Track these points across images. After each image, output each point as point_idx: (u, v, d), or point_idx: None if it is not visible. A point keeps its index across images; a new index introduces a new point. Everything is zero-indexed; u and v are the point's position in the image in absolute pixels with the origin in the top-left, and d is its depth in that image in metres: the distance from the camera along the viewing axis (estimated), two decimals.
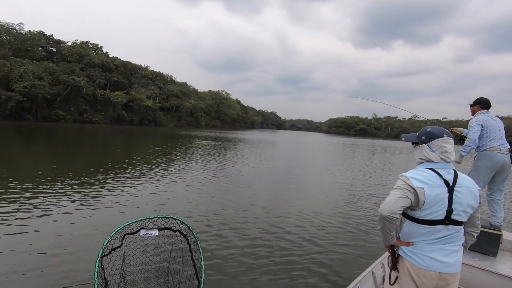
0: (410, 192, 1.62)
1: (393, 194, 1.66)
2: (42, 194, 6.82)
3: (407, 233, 1.76)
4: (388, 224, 1.66)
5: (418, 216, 1.67)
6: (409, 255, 1.74)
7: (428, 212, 1.64)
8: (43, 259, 3.88)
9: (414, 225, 1.71)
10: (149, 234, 2.17)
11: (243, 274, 3.90)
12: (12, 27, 47.87)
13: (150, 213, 6.13)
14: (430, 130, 1.80)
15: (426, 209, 1.64)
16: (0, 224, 4.91)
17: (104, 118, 55.25)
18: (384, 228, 1.70)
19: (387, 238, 1.76)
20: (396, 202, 1.62)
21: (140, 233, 2.16)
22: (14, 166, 10.29)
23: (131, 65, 70.98)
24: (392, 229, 1.69)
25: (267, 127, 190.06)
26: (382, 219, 1.66)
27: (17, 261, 3.76)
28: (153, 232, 2.19)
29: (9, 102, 40.91)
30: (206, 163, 14.35)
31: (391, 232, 1.71)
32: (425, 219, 1.66)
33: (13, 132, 25.25)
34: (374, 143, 58.90)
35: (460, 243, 1.74)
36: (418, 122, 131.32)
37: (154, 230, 2.20)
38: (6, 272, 3.47)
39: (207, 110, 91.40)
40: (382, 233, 1.75)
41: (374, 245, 5.20)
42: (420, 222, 1.68)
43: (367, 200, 8.74)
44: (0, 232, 4.58)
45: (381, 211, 1.65)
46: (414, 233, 1.72)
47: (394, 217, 1.61)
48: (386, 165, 19.50)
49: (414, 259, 1.71)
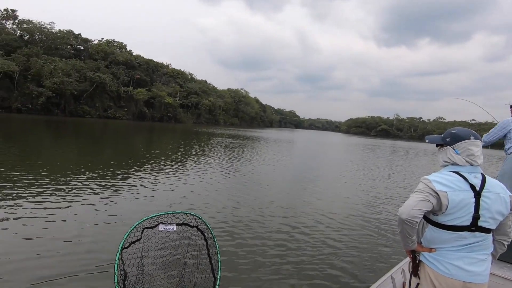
0: (431, 195, 1.54)
1: (413, 197, 1.59)
2: (68, 185, 7.18)
3: (429, 238, 1.68)
4: (408, 228, 1.58)
5: (441, 221, 1.59)
6: (432, 261, 1.66)
7: (452, 217, 1.55)
8: (67, 246, 4.12)
9: (437, 230, 1.63)
10: (167, 229, 2.20)
11: (257, 272, 3.88)
12: (44, 26, 50.50)
13: (168, 207, 6.29)
14: (455, 132, 1.70)
15: (449, 214, 1.55)
16: (31, 211, 5.25)
17: (126, 114, 57.18)
18: (404, 232, 1.62)
19: (407, 243, 1.68)
20: (416, 205, 1.54)
21: (159, 227, 2.20)
22: (45, 158, 10.95)
23: (153, 63, 72.96)
24: (412, 233, 1.61)
25: (285, 126, 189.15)
26: (401, 223, 1.59)
27: (44, 246, 4.02)
28: (171, 227, 2.22)
29: (40, 97, 43.30)
30: (225, 160, 14.47)
31: (411, 237, 1.63)
32: (449, 225, 1.57)
33: (44, 126, 26.68)
34: (395, 144, 57.08)
35: (489, 252, 1.63)
36: (444, 124, 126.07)
37: (172, 225, 2.23)
38: (33, 257, 3.74)
39: (226, 108, 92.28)
40: (402, 237, 1.67)
41: (394, 250, 5.03)
42: (443, 228, 1.59)
43: (388, 203, 8.48)
44: (31, 219, 4.90)
45: (400, 214, 1.58)
46: (437, 239, 1.64)
47: (413, 221, 1.53)
48: (409, 167, 18.85)
49: (437, 266, 1.63)
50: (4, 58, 41.15)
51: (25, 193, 6.24)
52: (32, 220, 4.89)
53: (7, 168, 8.27)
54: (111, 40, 64.11)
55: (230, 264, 3.99)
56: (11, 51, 44.04)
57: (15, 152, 11.35)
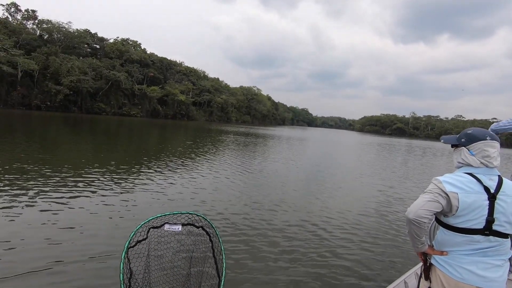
0: (441, 196, 1.51)
1: (422, 197, 1.56)
2: (84, 179, 7.39)
3: (440, 241, 1.64)
4: (415, 229, 1.55)
5: (452, 223, 1.55)
6: (443, 265, 1.61)
7: (464, 219, 1.51)
8: (75, 235, 4.41)
9: (448, 232, 1.59)
10: (172, 229, 2.21)
11: (264, 273, 3.80)
12: (62, 25, 51.89)
13: (179, 205, 6.29)
14: (471, 132, 1.65)
15: (460, 216, 1.51)
16: (47, 202, 5.56)
17: (140, 111, 58.15)
18: (411, 233, 1.59)
19: (416, 244, 1.64)
20: (424, 205, 1.51)
21: (164, 227, 2.21)
22: (63, 153, 11.23)
23: (167, 61, 73.84)
24: (420, 234, 1.57)
25: (298, 123, 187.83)
26: (409, 223, 1.56)
27: (54, 233, 4.38)
28: (177, 227, 2.23)
29: (58, 95, 44.61)
30: (236, 158, 14.38)
31: (420, 238, 1.59)
32: (460, 227, 1.52)
33: (62, 123, 27.42)
34: (411, 144, 55.56)
35: (506, 258, 1.56)
36: (463, 123, 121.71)
37: (177, 225, 2.24)
38: (45, 241, 4.13)
39: (238, 105, 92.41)
40: (410, 238, 1.64)
41: (408, 253, 4.85)
42: (455, 230, 1.55)
43: (404, 204, 8.18)
44: (47, 209, 5.25)
45: (407, 214, 1.56)
46: (448, 242, 1.60)
47: (420, 221, 1.50)
48: (426, 167, 18.22)
49: (448, 269, 1.58)
50: (25, 57, 42.54)
51: (42, 186, 6.57)
52: (45, 211, 5.17)
53: (27, 163, 8.59)
54: (126, 39, 65.24)
55: (236, 264, 3.93)
56: (31, 50, 45.50)
57: (36, 147, 11.72)
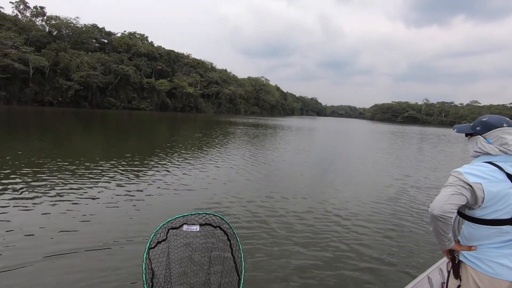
0: (464, 188, 1.43)
1: (444, 191, 1.47)
2: (97, 173, 7.50)
3: (467, 235, 1.56)
4: (442, 225, 1.46)
5: (478, 215, 1.47)
6: (473, 261, 1.53)
7: (490, 210, 1.44)
8: (92, 224, 4.68)
9: (474, 226, 1.51)
10: (191, 229, 2.27)
11: (282, 271, 3.68)
12: (70, 21, 52.14)
13: (192, 198, 6.29)
14: (486, 120, 1.59)
15: (487, 207, 1.44)
16: (60, 194, 5.79)
17: (150, 105, 58.50)
18: (437, 230, 1.50)
19: (443, 241, 1.54)
20: (448, 199, 1.43)
21: (183, 228, 2.27)
22: (75, 147, 11.37)
23: (175, 54, 73.58)
24: (447, 230, 1.48)
25: (307, 113, 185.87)
26: (434, 219, 1.47)
27: (71, 223, 4.65)
28: (195, 227, 2.29)
29: (69, 91, 45.24)
30: (249, 149, 14.27)
31: (447, 235, 1.50)
32: (488, 219, 1.45)
33: (74, 118, 27.82)
34: (425, 131, 54.15)
35: None
36: (478, 108, 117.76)
37: (196, 226, 2.30)
38: (58, 228, 4.42)
39: (246, 96, 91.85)
40: (436, 235, 1.55)
41: (429, 247, 4.63)
42: (481, 223, 1.48)
43: (425, 194, 7.85)
44: (60, 200, 5.52)
45: (431, 210, 1.47)
46: (475, 235, 1.52)
47: (447, 216, 1.42)
48: (446, 155, 17.68)
49: (479, 265, 1.50)
50: (35, 54, 43.10)
51: (55, 179, 6.84)
52: (60, 202, 5.47)
53: (43, 157, 8.82)
54: (133, 33, 65.21)
55: (255, 261, 3.86)
56: (41, 47, 46.03)
57: (49, 142, 11.97)
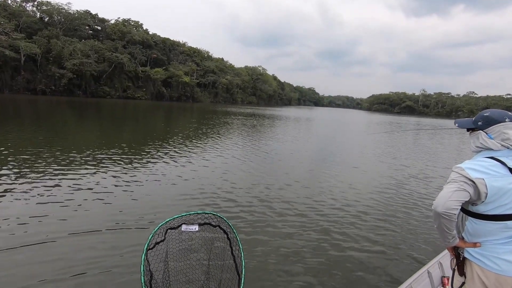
0: (467, 184, 1.41)
1: (447, 188, 1.45)
2: (92, 163, 7.35)
3: (471, 232, 1.53)
4: (446, 222, 1.43)
5: (482, 211, 1.45)
6: (478, 257, 1.51)
7: (494, 205, 1.42)
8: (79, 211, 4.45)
9: (478, 222, 1.49)
10: (190, 229, 2.24)
11: (282, 268, 3.64)
12: (61, 7, 50.67)
13: (190, 189, 6.17)
14: (488, 115, 1.56)
15: (490, 203, 1.42)
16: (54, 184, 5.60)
17: (145, 94, 57.73)
18: (442, 227, 1.47)
19: (447, 239, 1.52)
20: (452, 196, 1.40)
21: (182, 228, 2.23)
22: (70, 137, 11.12)
23: (170, 42, 72.23)
24: (451, 227, 1.45)
25: (304, 103, 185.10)
26: (438, 217, 1.44)
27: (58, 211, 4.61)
28: (194, 227, 2.25)
29: (62, 79, 44.36)
30: (245, 141, 14.10)
31: (451, 232, 1.47)
32: (492, 214, 1.43)
33: (67, 107, 27.33)
34: (421, 122, 54.27)
35: None
36: (475, 99, 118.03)
37: (194, 225, 2.26)
38: (53, 216, 4.48)
39: (243, 86, 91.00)
40: (440, 233, 1.51)
41: (428, 241, 4.58)
42: (485, 218, 1.45)
43: (426, 187, 7.77)
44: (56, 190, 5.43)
45: (435, 207, 1.44)
46: (480, 231, 1.49)
47: (451, 213, 1.40)
48: (446, 147, 17.67)
49: (485, 262, 1.48)
50: (26, 41, 41.97)
51: (51, 169, 6.76)
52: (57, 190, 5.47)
53: (35, 146, 8.71)
54: (127, 20, 63.67)
55: (256, 261, 3.78)
56: (32, 33, 44.78)
57: (43, 132, 11.68)
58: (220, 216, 2.37)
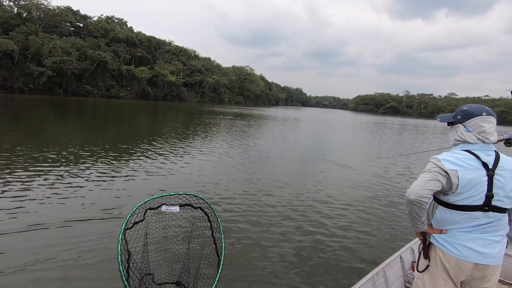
0: (441, 175, 1.49)
1: (421, 177, 1.53)
2: (75, 164, 7.15)
3: (440, 219, 1.61)
4: (416, 209, 1.52)
5: (452, 201, 1.53)
6: (442, 243, 1.60)
7: (464, 196, 1.49)
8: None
9: (447, 211, 1.56)
10: (170, 210, 2.19)
11: (261, 253, 3.76)
12: (40, 2, 48.79)
13: (176, 187, 6.09)
14: (467, 109, 1.64)
15: (460, 194, 1.49)
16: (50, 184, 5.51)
17: (129, 93, 56.42)
18: (412, 213, 1.56)
19: (416, 224, 1.61)
20: (425, 185, 1.49)
21: (162, 208, 2.19)
22: (49, 138, 10.56)
23: (155, 40, 70.94)
24: (421, 214, 1.54)
25: (292, 104, 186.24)
26: (410, 204, 1.53)
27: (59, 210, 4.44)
28: (174, 208, 2.20)
29: (41, 77, 42.69)
30: (231, 139, 13.91)
31: (420, 218, 1.56)
32: (460, 205, 1.51)
33: (47, 106, 26.22)
34: (404, 122, 55.52)
35: (504, 233, 1.56)
36: (456, 100, 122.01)
37: (175, 206, 2.21)
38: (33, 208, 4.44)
39: (230, 86, 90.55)
40: (410, 218, 1.61)
41: (403, 230, 4.89)
42: (454, 208, 1.53)
43: (399, 182, 8.09)
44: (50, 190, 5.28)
45: (408, 195, 1.53)
46: (448, 220, 1.58)
47: (422, 201, 1.48)
48: (423, 144, 18.03)
49: (448, 247, 1.58)
50: (2, 37, 40.16)
51: (34, 169, 6.46)
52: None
53: (15, 147, 8.30)
54: (111, 17, 62.01)
55: (236, 242, 3.91)
56: (9, 29, 42.90)
57: (21, 133, 11.13)
58: (201, 198, 2.32)
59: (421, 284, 1.73)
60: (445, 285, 1.63)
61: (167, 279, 2.44)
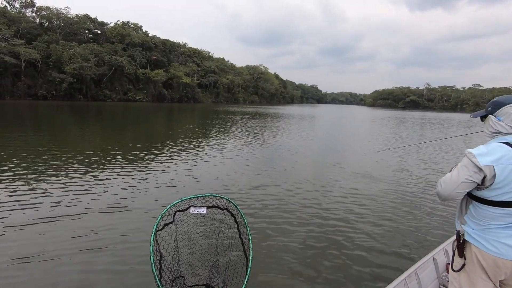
0: (476, 174, 1.42)
1: (455, 175, 1.47)
2: (99, 166, 7.24)
3: (474, 215, 1.54)
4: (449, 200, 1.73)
5: (487, 196, 1.45)
6: (478, 240, 1.51)
7: (500, 192, 1.41)
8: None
9: (482, 206, 1.49)
10: (198, 211, 2.21)
11: (288, 253, 3.66)
12: (60, 11, 50.57)
13: (198, 189, 6.01)
14: (496, 99, 1.61)
15: (496, 189, 1.41)
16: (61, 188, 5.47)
17: (146, 96, 57.50)
18: None
19: None
20: (458, 187, 1.45)
21: (190, 210, 2.22)
22: (73, 141, 10.91)
23: (170, 43, 71.98)
24: None
25: (307, 101, 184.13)
26: (441, 199, 1.55)
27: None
28: (202, 209, 2.22)
29: (63, 83, 44.23)
30: (249, 138, 13.76)
31: None
32: (496, 200, 1.43)
33: (69, 111, 27.04)
34: (426, 116, 53.29)
35: None
36: (481, 92, 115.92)
37: (202, 208, 2.23)
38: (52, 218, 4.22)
39: (245, 85, 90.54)
40: None
41: (436, 230, 4.52)
42: (490, 204, 1.46)
43: (432, 177, 7.57)
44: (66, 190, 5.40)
45: (441, 192, 1.51)
46: (483, 216, 1.50)
47: (455, 199, 1.51)
48: (452, 140, 17.08)
49: (484, 245, 1.49)
50: (26, 46, 41.88)
51: (56, 172, 6.58)
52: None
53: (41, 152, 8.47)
54: (127, 22, 63.56)
55: (263, 244, 3.82)
56: (32, 39, 44.73)
57: (47, 137, 11.41)
58: (228, 199, 2.34)
59: (457, 284, 1.62)
60: (484, 285, 1.51)
61: (197, 281, 2.44)
